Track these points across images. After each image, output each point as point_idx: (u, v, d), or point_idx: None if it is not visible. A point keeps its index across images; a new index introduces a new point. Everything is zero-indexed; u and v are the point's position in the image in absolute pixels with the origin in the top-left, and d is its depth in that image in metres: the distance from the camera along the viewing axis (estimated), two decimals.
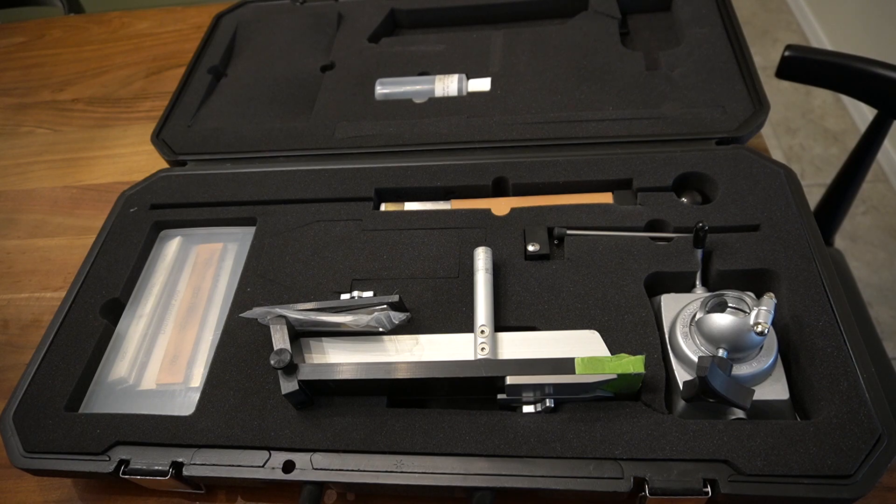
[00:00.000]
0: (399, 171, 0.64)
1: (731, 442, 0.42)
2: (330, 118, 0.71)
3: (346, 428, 0.47)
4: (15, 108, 0.91)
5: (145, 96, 0.89)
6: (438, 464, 0.45)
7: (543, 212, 0.58)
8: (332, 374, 0.46)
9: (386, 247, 0.57)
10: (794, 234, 0.52)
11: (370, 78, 0.74)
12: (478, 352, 0.48)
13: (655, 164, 0.59)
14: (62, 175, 0.81)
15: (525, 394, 0.46)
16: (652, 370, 0.46)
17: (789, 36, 2.00)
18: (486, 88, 0.71)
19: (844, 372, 0.44)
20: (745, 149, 0.59)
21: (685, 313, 0.48)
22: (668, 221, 0.55)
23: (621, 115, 0.65)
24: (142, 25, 1.01)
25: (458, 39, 0.78)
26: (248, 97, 0.76)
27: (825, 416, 0.43)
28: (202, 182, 0.66)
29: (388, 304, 0.50)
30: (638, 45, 0.76)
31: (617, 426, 0.44)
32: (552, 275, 0.53)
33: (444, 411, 0.47)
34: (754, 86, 0.64)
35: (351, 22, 0.83)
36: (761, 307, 0.42)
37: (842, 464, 0.41)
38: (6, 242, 0.74)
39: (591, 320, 0.50)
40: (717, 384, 0.41)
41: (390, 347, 0.50)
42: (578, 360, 0.44)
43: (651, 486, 0.42)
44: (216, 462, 0.47)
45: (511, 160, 0.63)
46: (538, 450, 0.44)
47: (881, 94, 0.73)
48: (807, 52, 0.75)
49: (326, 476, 0.45)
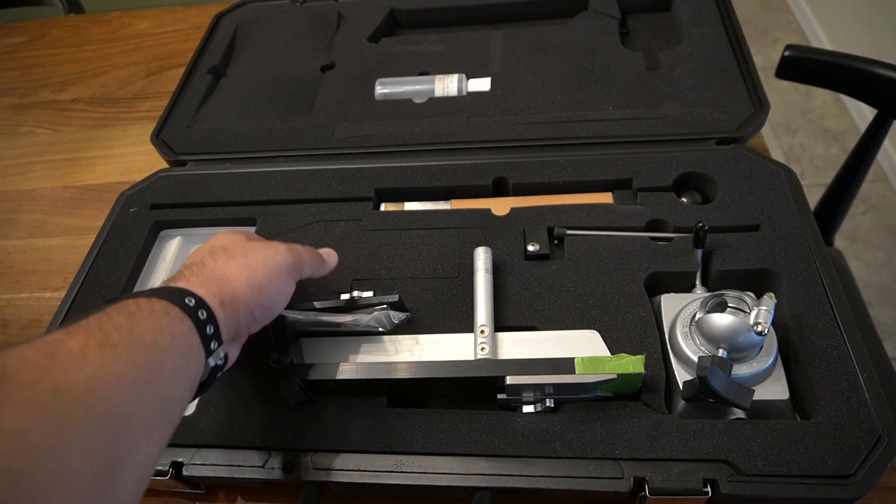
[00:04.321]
0: (399, 171, 0.63)
1: (731, 442, 0.42)
2: (330, 118, 0.71)
3: (346, 428, 0.47)
4: (15, 108, 0.91)
5: (145, 96, 0.89)
6: (438, 464, 0.45)
7: (543, 212, 0.58)
8: (332, 374, 0.46)
9: (386, 247, 0.57)
10: (794, 234, 0.52)
11: (370, 78, 0.74)
12: (478, 352, 0.48)
13: (655, 164, 0.59)
14: (62, 175, 0.81)
15: (525, 394, 0.46)
16: (652, 370, 0.46)
17: (789, 36, 2.00)
18: (486, 88, 0.71)
19: (844, 372, 0.44)
20: (745, 149, 0.59)
21: (685, 313, 0.48)
22: (668, 221, 0.55)
23: (621, 115, 0.65)
24: (142, 25, 1.01)
25: (458, 39, 0.78)
26: (248, 97, 0.76)
27: (825, 416, 0.43)
28: (202, 182, 0.66)
29: (387, 304, 0.50)
30: (638, 45, 0.76)
31: (617, 426, 0.44)
32: (552, 275, 0.53)
33: (444, 411, 0.47)
34: (754, 86, 0.64)
35: (351, 22, 0.83)
36: (761, 307, 0.42)
37: (842, 464, 0.41)
38: (6, 242, 0.74)
39: (591, 320, 0.50)
40: (717, 384, 0.41)
41: (390, 347, 0.50)
42: (578, 360, 0.44)
43: (651, 486, 0.42)
44: (216, 462, 0.47)
45: (511, 160, 0.63)
46: (538, 450, 0.44)
47: (881, 94, 0.73)
48: (807, 52, 0.75)
49: (326, 476, 0.45)
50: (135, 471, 0.28)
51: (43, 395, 0.25)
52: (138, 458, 0.29)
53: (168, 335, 0.33)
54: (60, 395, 0.26)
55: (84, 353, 0.28)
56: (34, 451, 0.24)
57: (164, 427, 0.32)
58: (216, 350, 0.36)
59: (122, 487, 0.27)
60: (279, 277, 0.43)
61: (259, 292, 0.41)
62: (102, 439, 0.27)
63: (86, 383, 0.27)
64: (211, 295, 0.37)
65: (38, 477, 0.24)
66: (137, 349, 0.31)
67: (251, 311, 0.40)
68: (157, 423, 0.31)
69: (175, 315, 0.34)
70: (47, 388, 0.26)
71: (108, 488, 0.27)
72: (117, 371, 0.29)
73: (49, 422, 0.25)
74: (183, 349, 0.34)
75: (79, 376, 0.27)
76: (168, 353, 0.32)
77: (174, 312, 0.34)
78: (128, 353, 0.30)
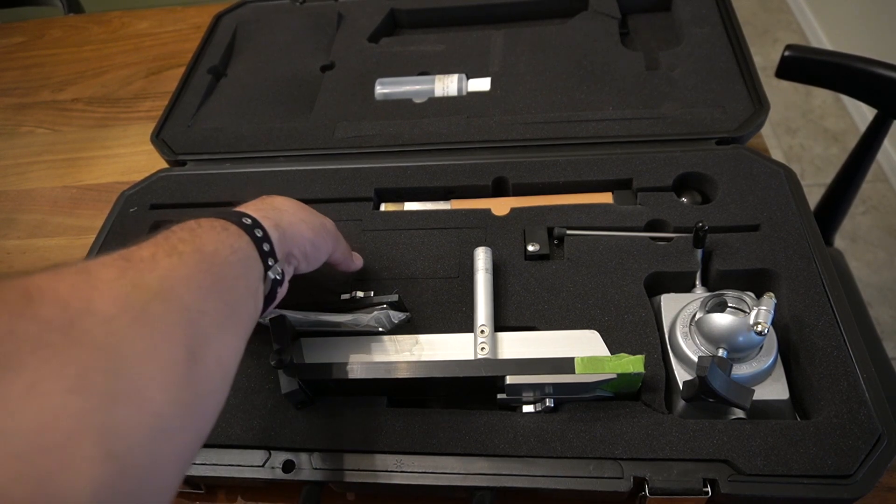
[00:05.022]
0: (399, 171, 0.63)
1: (731, 442, 0.42)
2: (330, 118, 0.71)
3: (346, 428, 0.47)
4: (15, 108, 0.91)
5: (145, 96, 0.89)
6: (438, 464, 0.45)
7: (543, 212, 0.58)
8: (332, 374, 0.46)
9: (386, 247, 0.57)
10: (794, 234, 0.52)
11: (370, 78, 0.74)
12: (478, 352, 0.48)
13: (655, 164, 0.59)
14: (62, 175, 0.81)
15: (525, 393, 0.46)
16: (652, 370, 0.46)
17: (789, 36, 2.00)
18: (486, 88, 0.71)
19: (844, 372, 0.44)
20: (745, 149, 0.59)
21: (685, 313, 0.48)
22: (668, 221, 0.55)
23: (621, 115, 0.65)
24: (142, 25, 1.01)
25: (458, 39, 0.78)
26: (248, 97, 0.76)
27: (825, 416, 0.43)
28: (202, 182, 0.66)
29: (387, 304, 0.50)
30: (638, 45, 0.76)
31: (617, 426, 0.44)
32: (552, 275, 0.53)
33: (444, 411, 0.47)
34: (754, 86, 0.64)
35: (351, 22, 0.83)
36: (761, 307, 0.42)
37: (842, 464, 0.41)
38: (6, 242, 0.74)
39: (591, 320, 0.50)
40: (717, 384, 0.41)
41: (390, 347, 0.50)
42: (578, 359, 0.44)
43: (651, 486, 0.42)
44: (216, 462, 0.47)
45: (511, 160, 0.63)
46: (538, 450, 0.44)
47: (881, 94, 0.73)
48: (807, 52, 0.75)
49: (326, 476, 0.45)
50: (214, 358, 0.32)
51: (124, 287, 0.29)
52: (215, 347, 0.32)
53: (228, 247, 0.36)
54: (139, 288, 0.29)
55: (154, 259, 0.32)
56: (124, 330, 0.27)
57: (235, 327, 0.35)
58: (273, 266, 0.40)
59: (205, 370, 0.31)
60: (325, 231, 0.47)
61: (310, 229, 0.45)
62: (179, 326, 0.30)
63: (159, 282, 0.31)
64: (267, 219, 0.41)
65: (128, 353, 0.27)
66: (201, 256, 0.34)
67: (304, 241, 0.44)
68: (227, 321, 0.34)
69: (233, 231, 0.38)
70: (127, 283, 0.29)
71: (193, 367, 0.30)
72: (185, 273, 0.32)
73: (132, 308, 0.28)
74: (242, 260, 0.37)
75: (152, 276, 0.31)
76: (228, 263, 0.36)
77: (232, 229, 0.38)
78: (193, 259, 0.33)
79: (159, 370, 0.28)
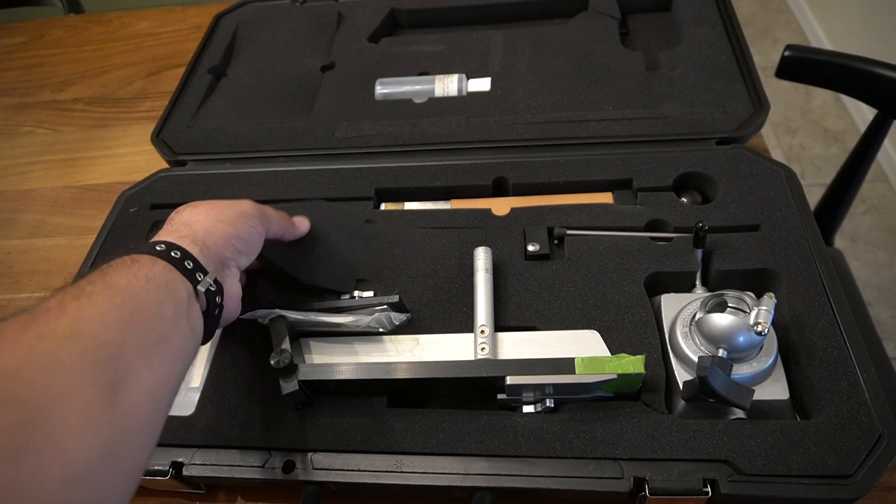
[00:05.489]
0: (399, 170, 0.63)
1: (731, 442, 0.42)
2: (330, 118, 0.71)
3: (346, 428, 0.47)
4: (15, 108, 0.91)
5: (145, 96, 0.89)
6: (438, 464, 0.45)
7: (543, 212, 0.58)
8: (332, 374, 0.46)
9: (386, 247, 0.57)
10: (794, 234, 0.52)
11: (370, 78, 0.74)
12: (478, 352, 0.48)
13: (655, 164, 0.59)
14: (62, 175, 0.81)
15: (525, 394, 0.46)
16: (652, 370, 0.46)
17: (789, 36, 2.00)
18: (486, 88, 0.71)
19: (844, 372, 0.44)
20: (745, 149, 0.59)
21: (685, 313, 0.48)
22: (668, 221, 0.55)
23: (621, 115, 0.65)
24: (142, 25, 1.01)
25: (458, 39, 0.78)
26: (248, 97, 0.76)
27: (825, 416, 0.43)
28: (202, 182, 0.66)
29: (388, 305, 0.50)
30: (638, 45, 0.76)
31: (617, 426, 0.44)
32: (552, 275, 0.53)
33: (444, 411, 0.47)
34: (754, 86, 0.64)
35: (351, 22, 0.83)
36: (761, 307, 0.42)
37: (842, 464, 0.41)
38: (6, 242, 0.74)
39: (591, 320, 0.50)
40: (717, 384, 0.41)
41: (390, 348, 0.50)
42: (578, 360, 0.44)
43: (651, 486, 0.42)
44: (216, 462, 0.47)
45: (511, 160, 0.63)
46: (538, 450, 0.44)
47: (881, 94, 0.73)
48: (807, 52, 0.75)
49: (326, 476, 0.45)
50: (142, 389, 0.32)
51: (28, 340, 0.29)
52: (143, 377, 0.32)
53: (142, 277, 0.36)
54: (44, 338, 0.29)
55: (61, 305, 0.32)
56: (30, 383, 0.27)
57: (166, 353, 0.35)
58: (203, 279, 0.40)
59: (129, 405, 0.31)
60: (246, 217, 0.46)
61: (230, 225, 0.45)
62: (95, 366, 0.30)
63: (67, 326, 0.31)
64: (182, 238, 0.42)
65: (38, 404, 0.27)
66: (113, 292, 0.34)
67: (228, 240, 0.44)
68: (154, 349, 0.34)
69: (145, 261, 0.38)
70: (31, 335, 0.29)
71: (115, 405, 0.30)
72: (96, 311, 0.32)
73: (38, 359, 0.28)
74: (161, 286, 0.37)
75: (60, 322, 0.31)
76: (145, 291, 0.36)
77: (144, 259, 0.38)
78: (104, 296, 0.33)
79: (73, 415, 0.28)
